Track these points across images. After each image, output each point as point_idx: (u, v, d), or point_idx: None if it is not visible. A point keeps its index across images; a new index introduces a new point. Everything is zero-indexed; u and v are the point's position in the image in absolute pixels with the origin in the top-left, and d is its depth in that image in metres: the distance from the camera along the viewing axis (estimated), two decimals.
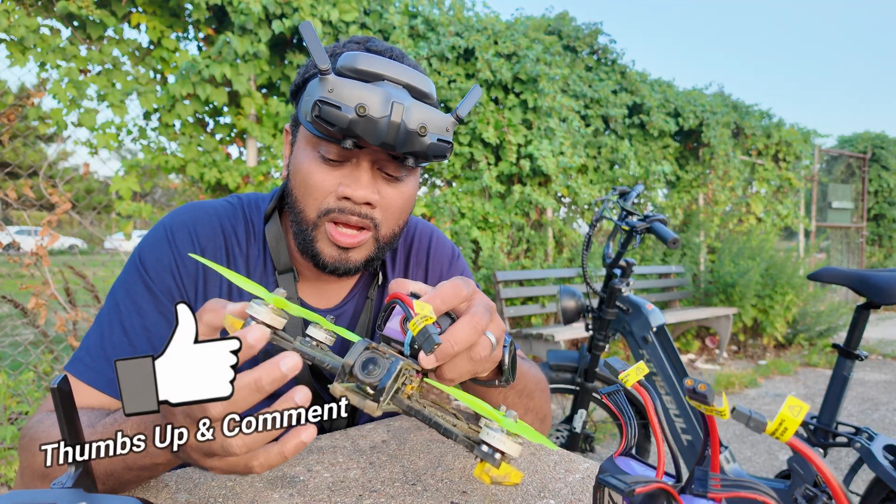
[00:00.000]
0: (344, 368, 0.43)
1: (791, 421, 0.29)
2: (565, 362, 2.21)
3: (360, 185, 0.70)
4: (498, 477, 0.39)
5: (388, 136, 0.64)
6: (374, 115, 0.63)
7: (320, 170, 0.71)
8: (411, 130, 0.65)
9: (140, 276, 0.75)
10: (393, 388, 0.44)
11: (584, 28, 5.00)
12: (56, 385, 0.39)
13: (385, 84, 0.66)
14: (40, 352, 2.75)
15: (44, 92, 2.90)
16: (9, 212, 2.99)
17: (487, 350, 0.53)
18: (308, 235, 0.74)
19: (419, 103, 0.66)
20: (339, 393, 0.42)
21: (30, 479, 0.62)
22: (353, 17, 3.61)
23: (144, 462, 0.54)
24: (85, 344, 0.73)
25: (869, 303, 1.70)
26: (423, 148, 0.66)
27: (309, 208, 0.72)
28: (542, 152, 4.38)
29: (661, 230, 1.85)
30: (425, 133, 0.66)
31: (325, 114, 0.62)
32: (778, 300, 5.36)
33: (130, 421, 0.54)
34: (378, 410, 0.42)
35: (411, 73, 0.68)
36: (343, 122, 0.62)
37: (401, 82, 0.67)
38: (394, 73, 0.67)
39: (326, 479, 0.64)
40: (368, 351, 0.44)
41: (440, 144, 0.67)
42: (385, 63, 0.67)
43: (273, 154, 3.51)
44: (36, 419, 0.67)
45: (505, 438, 0.39)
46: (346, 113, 0.62)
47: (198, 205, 0.82)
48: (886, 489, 1.55)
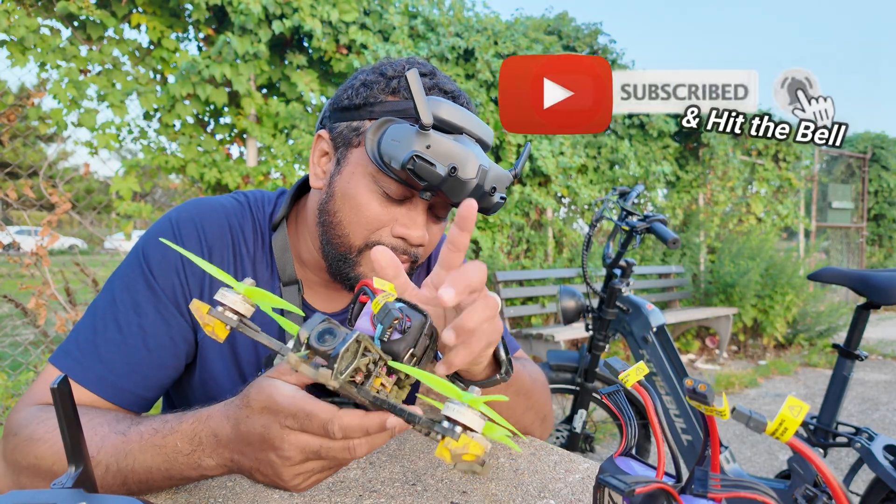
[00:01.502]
0: (299, 339, 0.42)
1: (791, 421, 0.29)
2: (565, 362, 2.21)
3: (417, 226, 0.71)
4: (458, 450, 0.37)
5: (469, 195, 0.66)
6: (464, 177, 0.65)
7: (378, 203, 0.70)
8: (486, 192, 0.68)
9: (142, 273, 0.72)
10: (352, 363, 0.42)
11: (584, 28, 5.00)
12: (56, 385, 0.39)
13: (466, 140, 0.68)
14: (40, 352, 2.75)
15: (44, 92, 2.90)
16: (9, 212, 2.99)
17: (499, 332, 0.54)
18: (349, 260, 0.73)
19: (494, 165, 0.69)
20: (292, 363, 0.41)
21: (30, 480, 0.61)
22: (353, 17, 3.61)
23: (192, 474, 0.55)
24: (75, 337, 0.70)
25: (869, 303, 1.70)
26: (489, 205, 0.69)
27: (356, 235, 0.71)
28: (541, 152, 4.38)
29: (661, 230, 1.85)
30: (494, 193, 0.69)
31: (420, 169, 0.62)
32: (778, 300, 5.36)
33: (179, 436, 0.54)
34: (334, 380, 0.40)
35: (482, 127, 0.71)
36: (436, 180, 0.63)
37: (476, 136, 0.70)
38: (473, 127, 0.69)
39: (326, 479, 0.64)
40: (326, 322, 0.42)
41: (501, 202, 0.71)
42: (466, 115, 0.69)
43: (273, 154, 3.51)
44: (29, 414, 0.65)
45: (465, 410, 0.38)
46: (439, 171, 0.63)
47: (204, 200, 0.79)
48: (886, 489, 1.55)
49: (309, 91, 3.49)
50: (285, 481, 0.50)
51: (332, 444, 0.46)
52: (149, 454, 0.55)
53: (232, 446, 0.51)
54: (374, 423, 0.44)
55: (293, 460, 0.48)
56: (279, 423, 0.47)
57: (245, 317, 0.44)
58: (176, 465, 0.54)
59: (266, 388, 0.48)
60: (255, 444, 0.49)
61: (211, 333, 0.43)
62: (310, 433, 0.47)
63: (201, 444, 0.53)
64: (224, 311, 0.43)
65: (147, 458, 0.55)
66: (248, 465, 0.51)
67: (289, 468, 0.49)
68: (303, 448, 0.47)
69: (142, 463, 0.56)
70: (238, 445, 0.51)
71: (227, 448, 0.52)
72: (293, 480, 0.50)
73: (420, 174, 0.63)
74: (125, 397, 0.69)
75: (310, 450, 0.47)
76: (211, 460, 0.53)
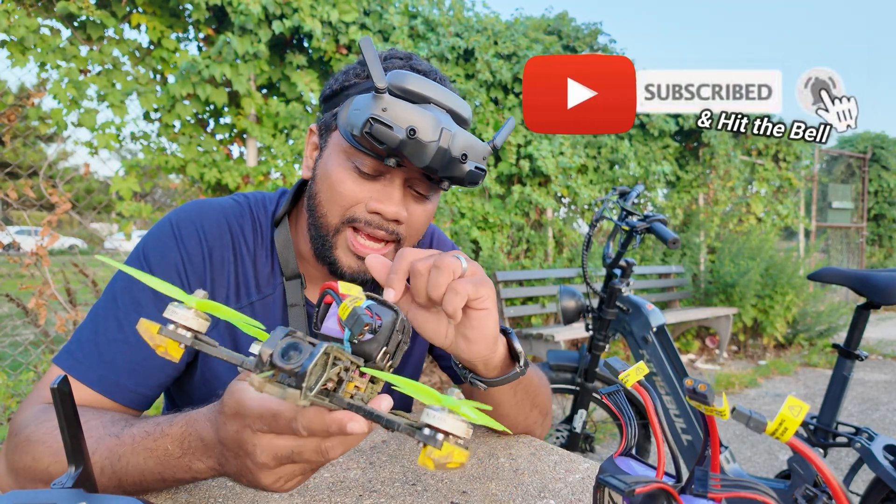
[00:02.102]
0: (262, 358, 0.38)
1: (791, 421, 0.29)
2: (565, 362, 2.20)
3: (392, 201, 0.71)
4: (441, 459, 0.35)
5: (433, 160, 0.65)
6: (424, 138, 0.64)
7: (352, 180, 0.71)
8: (455, 157, 0.66)
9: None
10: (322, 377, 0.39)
11: (584, 28, 5.00)
12: (56, 385, 0.39)
13: (432, 108, 0.67)
14: (40, 352, 2.75)
15: (44, 92, 2.90)
16: (9, 212, 2.99)
17: (453, 261, 0.57)
18: (327, 241, 0.74)
19: (463, 131, 0.68)
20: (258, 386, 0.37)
21: (28, 481, 0.61)
22: (353, 17, 3.61)
23: (185, 477, 0.55)
24: (77, 337, 0.71)
25: (869, 303, 1.70)
26: (462, 174, 0.68)
27: (332, 214, 0.72)
28: (541, 153, 4.38)
29: (661, 230, 1.85)
30: (466, 160, 0.68)
31: (376, 132, 0.63)
32: (778, 300, 5.36)
33: (170, 439, 0.54)
34: (302, 399, 0.37)
35: (455, 99, 0.71)
36: (394, 141, 0.63)
37: (445, 107, 0.69)
38: (440, 97, 0.69)
39: (326, 479, 0.64)
40: (289, 337, 0.39)
41: (477, 172, 0.69)
42: (433, 86, 0.69)
43: (273, 154, 3.51)
44: (30, 415, 0.65)
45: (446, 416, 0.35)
46: (397, 133, 0.63)
47: (204, 202, 0.81)
48: (886, 489, 1.55)
49: (309, 91, 3.49)
50: (267, 486, 0.49)
51: (303, 447, 0.45)
52: (141, 457, 0.55)
53: (217, 450, 0.51)
54: (333, 423, 0.41)
55: (268, 465, 0.47)
56: (249, 427, 0.46)
57: (200, 332, 0.41)
58: (168, 468, 0.54)
59: (236, 392, 0.47)
60: (232, 449, 0.49)
61: (164, 354, 0.40)
62: (278, 434, 0.45)
63: (190, 447, 0.53)
64: (176, 330, 0.40)
65: (140, 461, 0.55)
66: (231, 470, 0.51)
67: (266, 473, 0.48)
68: (275, 453, 0.46)
69: (135, 465, 0.56)
70: (220, 450, 0.51)
71: (212, 451, 0.52)
72: (275, 484, 0.49)
73: (377, 136, 0.63)
74: (126, 395, 0.70)
75: (282, 454, 0.46)
76: (201, 463, 0.53)
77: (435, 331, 0.63)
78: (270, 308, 0.80)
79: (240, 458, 0.48)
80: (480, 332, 0.62)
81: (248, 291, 0.78)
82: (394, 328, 0.48)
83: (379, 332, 0.47)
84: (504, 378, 0.69)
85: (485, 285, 0.59)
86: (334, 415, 0.41)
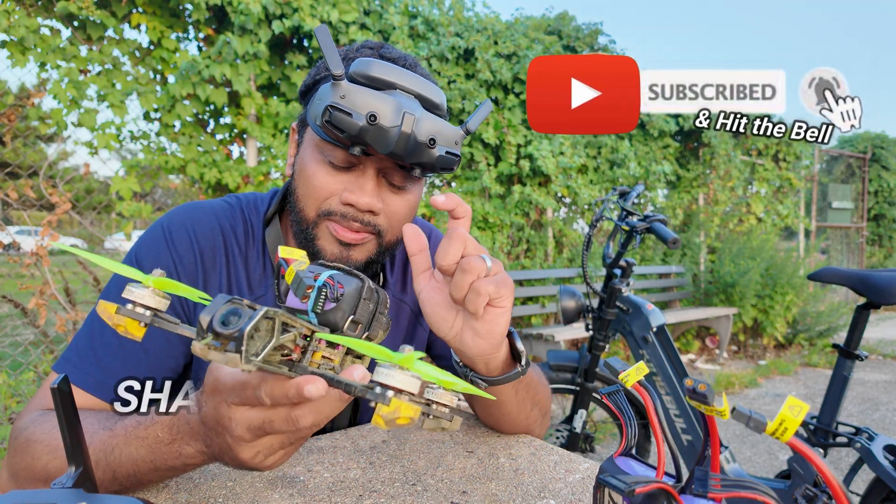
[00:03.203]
0: (201, 325, 0.38)
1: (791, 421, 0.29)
2: (565, 362, 2.20)
3: (365, 192, 0.70)
4: (389, 415, 0.35)
5: (397, 146, 0.64)
6: (385, 124, 0.63)
7: (325, 173, 0.71)
8: (421, 142, 0.65)
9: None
10: (270, 343, 0.38)
11: (584, 28, 5.00)
12: (56, 385, 0.39)
13: (397, 93, 0.66)
14: (40, 352, 2.75)
15: (44, 92, 2.90)
16: (9, 212, 2.99)
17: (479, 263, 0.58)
18: (309, 234, 0.73)
19: (430, 115, 0.66)
20: (199, 352, 0.37)
21: (27, 481, 0.62)
22: (353, 17, 3.61)
23: (175, 464, 0.55)
24: (74, 344, 0.72)
25: (869, 303, 1.70)
26: (431, 160, 0.67)
27: (309, 207, 0.72)
28: (541, 152, 4.38)
29: (661, 230, 1.85)
30: (434, 145, 0.66)
31: (335, 119, 0.62)
32: (778, 300, 5.36)
33: (160, 426, 0.54)
34: (244, 363, 0.36)
35: (423, 84, 0.68)
36: (353, 129, 0.62)
37: (413, 92, 0.67)
38: (406, 82, 0.67)
39: (326, 479, 0.64)
40: (230, 304, 0.38)
41: (448, 157, 0.68)
42: (398, 72, 0.67)
43: (273, 154, 3.51)
44: (29, 419, 0.66)
45: (395, 373, 0.35)
46: (356, 120, 0.62)
47: (196, 205, 0.81)
48: (886, 489, 1.55)
49: None
50: (246, 461, 0.48)
51: (273, 416, 0.45)
52: (133, 446, 0.56)
53: (201, 432, 0.51)
54: (291, 388, 0.41)
55: (244, 438, 0.47)
56: (225, 401, 0.47)
57: (159, 311, 0.41)
58: (160, 456, 0.54)
59: (213, 370, 0.48)
60: (212, 427, 0.49)
61: (125, 333, 0.40)
62: (249, 405, 0.46)
63: (179, 431, 0.53)
64: (134, 309, 0.40)
65: (132, 451, 0.56)
66: (215, 449, 0.50)
67: (244, 447, 0.47)
68: (248, 424, 0.46)
69: (128, 455, 0.56)
70: (204, 430, 0.51)
71: (198, 433, 0.52)
72: (255, 459, 0.48)
73: (336, 124, 0.62)
74: None
75: (254, 425, 0.46)
76: (189, 447, 0.53)
77: (443, 318, 0.63)
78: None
79: (220, 434, 0.48)
80: (491, 328, 0.61)
81: (241, 293, 0.79)
82: (360, 297, 0.46)
83: (342, 301, 0.45)
84: (505, 377, 0.69)
85: (505, 285, 0.59)
86: (293, 380, 0.41)
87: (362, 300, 0.46)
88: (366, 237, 0.73)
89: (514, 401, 0.75)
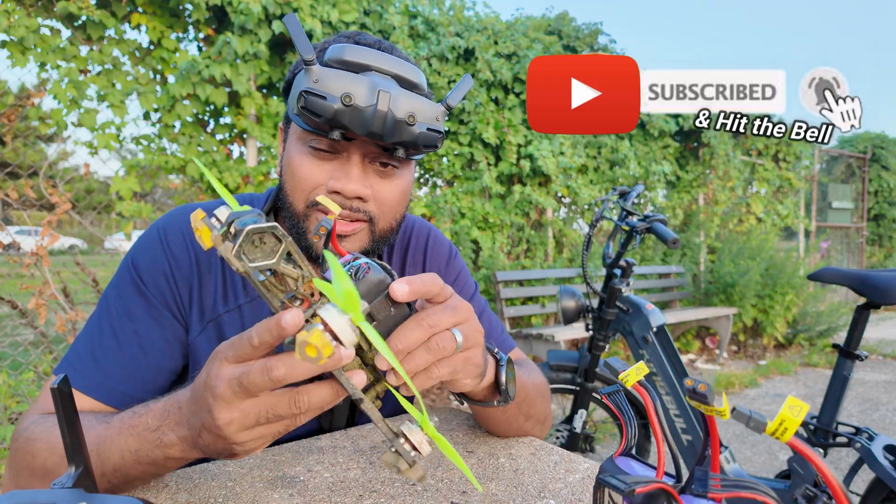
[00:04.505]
0: (223, 220, 0.41)
1: (791, 421, 0.29)
2: (565, 362, 2.20)
3: (351, 178, 0.69)
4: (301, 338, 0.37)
5: (374, 125, 0.63)
6: (360, 104, 0.62)
7: (309, 162, 0.70)
8: (399, 119, 0.64)
9: (132, 280, 0.74)
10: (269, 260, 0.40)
11: (584, 28, 5.00)
12: (56, 385, 0.39)
13: (372, 74, 0.65)
14: (40, 352, 2.75)
15: (44, 92, 2.90)
16: (9, 212, 2.99)
17: (449, 344, 0.50)
18: (300, 227, 0.73)
19: (407, 92, 0.65)
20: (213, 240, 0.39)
21: (27, 479, 0.62)
22: (353, 17, 3.61)
23: (156, 455, 0.54)
24: (75, 348, 0.73)
25: (869, 303, 1.70)
26: (412, 137, 0.65)
27: (297, 200, 0.72)
28: (542, 152, 4.38)
29: (661, 230, 1.85)
30: (414, 122, 0.64)
31: (310, 104, 0.62)
32: (778, 300, 5.36)
33: (152, 413, 0.55)
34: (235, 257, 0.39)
35: (399, 63, 0.68)
36: (328, 112, 0.62)
37: (389, 73, 0.67)
38: (381, 63, 0.66)
39: (326, 479, 0.64)
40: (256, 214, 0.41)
41: (430, 134, 0.66)
42: (372, 54, 0.67)
43: (273, 154, 3.51)
44: (30, 421, 0.66)
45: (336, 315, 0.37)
46: (331, 103, 0.61)
47: (191, 207, 0.82)
48: (886, 489, 1.55)
49: None
50: (223, 429, 0.46)
51: (252, 369, 0.44)
52: (123, 437, 0.56)
53: (187, 411, 0.51)
54: (272, 321, 0.42)
55: (224, 396, 0.45)
56: (218, 358, 0.47)
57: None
58: (144, 445, 0.54)
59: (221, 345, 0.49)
60: (199, 394, 0.48)
61: (199, 239, 0.41)
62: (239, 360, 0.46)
63: (168, 416, 0.53)
64: (213, 221, 0.42)
65: (122, 441, 0.55)
66: (195, 430, 0.49)
67: (222, 408, 0.46)
68: (230, 378, 0.45)
69: (117, 446, 0.56)
70: (189, 406, 0.50)
71: (184, 417, 0.51)
72: (230, 427, 0.46)
73: (311, 109, 0.62)
74: (124, 401, 0.70)
75: (234, 378, 0.45)
76: (173, 434, 0.52)
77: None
78: (258, 310, 0.80)
79: (203, 400, 0.47)
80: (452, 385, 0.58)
81: (237, 294, 0.78)
82: (379, 290, 0.47)
83: (360, 282, 0.46)
84: (482, 404, 0.67)
85: (468, 362, 0.53)
86: (276, 315, 0.42)
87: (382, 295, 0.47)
88: (357, 227, 0.72)
89: (503, 418, 0.74)
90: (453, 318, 0.51)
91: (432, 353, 0.49)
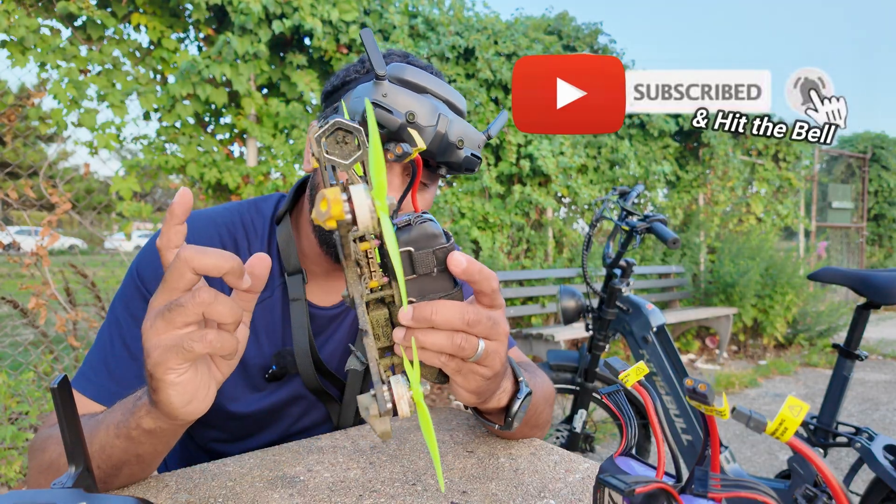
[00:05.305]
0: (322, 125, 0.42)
1: (791, 421, 0.29)
2: (565, 362, 2.20)
3: (392, 188, 0.73)
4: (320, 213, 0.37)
5: (431, 145, 0.68)
6: (422, 123, 0.66)
7: None
8: (451, 142, 0.69)
9: (137, 290, 0.76)
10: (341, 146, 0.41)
11: (584, 28, 5.00)
12: (56, 385, 0.39)
13: (430, 97, 0.70)
14: (40, 352, 2.75)
15: (44, 92, 2.90)
16: (9, 212, 2.99)
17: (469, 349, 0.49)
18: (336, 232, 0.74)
19: (460, 118, 0.71)
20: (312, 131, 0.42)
21: (34, 477, 0.64)
22: (353, 16, 3.61)
23: (129, 425, 0.54)
24: (88, 360, 0.74)
25: (869, 303, 1.70)
26: (458, 160, 0.70)
27: None
28: (541, 152, 4.38)
29: (661, 230, 1.85)
30: (462, 146, 0.70)
31: (377, 116, 0.64)
32: (778, 300, 5.36)
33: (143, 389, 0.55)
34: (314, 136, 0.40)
35: (450, 91, 0.74)
36: (393, 125, 0.65)
37: (442, 98, 0.72)
38: (437, 88, 0.71)
39: (326, 479, 0.64)
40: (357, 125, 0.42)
41: (473, 159, 0.72)
42: (430, 78, 0.71)
43: (273, 154, 3.51)
44: (46, 431, 0.68)
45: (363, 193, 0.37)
46: (396, 117, 0.65)
47: (194, 214, 0.83)
48: (886, 489, 1.56)
49: (309, 91, 3.49)
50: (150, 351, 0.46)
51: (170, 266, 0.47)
52: (113, 411, 0.57)
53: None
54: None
55: (154, 305, 0.47)
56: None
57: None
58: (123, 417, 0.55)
59: None
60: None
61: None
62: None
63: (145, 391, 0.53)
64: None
65: (111, 416, 0.57)
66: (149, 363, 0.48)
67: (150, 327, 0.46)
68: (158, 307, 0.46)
69: (105, 421, 0.57)
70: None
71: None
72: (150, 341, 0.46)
73: (378, 120, 0.64)
74: None
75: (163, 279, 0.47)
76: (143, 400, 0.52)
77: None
78: (269, 310, 0.80)
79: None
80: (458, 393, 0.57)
81: None
82: (428, 242, 0.46)
83: (415, 227, 0.47)
84: (484, 420, 0.69)
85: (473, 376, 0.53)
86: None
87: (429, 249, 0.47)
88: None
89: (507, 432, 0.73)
90: (489, 330, 0.50)
91: (449, 345, 0.48)
